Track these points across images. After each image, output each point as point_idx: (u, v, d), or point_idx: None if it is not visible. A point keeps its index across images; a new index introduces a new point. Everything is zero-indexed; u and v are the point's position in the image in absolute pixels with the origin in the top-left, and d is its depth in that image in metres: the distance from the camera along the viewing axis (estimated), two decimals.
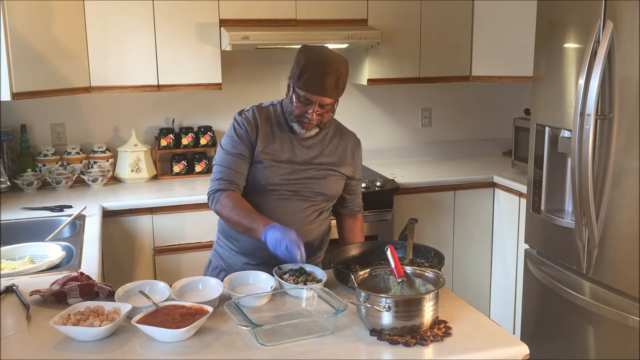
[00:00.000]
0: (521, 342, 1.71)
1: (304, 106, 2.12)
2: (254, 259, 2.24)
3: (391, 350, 1.65)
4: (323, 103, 2.11)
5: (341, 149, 2.29)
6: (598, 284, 2.59)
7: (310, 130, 2.19)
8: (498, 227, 3.78)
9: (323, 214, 2.31)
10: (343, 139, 2.31)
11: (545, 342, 2.94)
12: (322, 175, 2.23)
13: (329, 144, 2.27)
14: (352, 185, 2.35)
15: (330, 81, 2.08)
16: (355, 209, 2.42)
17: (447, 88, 4.25)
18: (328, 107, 2.14)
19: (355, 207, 2.42)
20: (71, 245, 2.49)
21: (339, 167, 2.27)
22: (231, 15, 3.46)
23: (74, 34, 3.25)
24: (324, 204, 2.28)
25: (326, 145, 2.26)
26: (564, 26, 2.68)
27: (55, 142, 3.65)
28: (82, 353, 1.63)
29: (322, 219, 2.31)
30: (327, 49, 2.18)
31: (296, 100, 2.13)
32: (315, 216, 2.27)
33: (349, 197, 2.37)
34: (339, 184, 2.29)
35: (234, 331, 1.73)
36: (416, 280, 1.86)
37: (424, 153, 4.31)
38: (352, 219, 2.44)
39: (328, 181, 2.24)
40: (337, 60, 2.12)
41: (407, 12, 3.73)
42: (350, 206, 2.41)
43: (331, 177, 2.25)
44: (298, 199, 2.21)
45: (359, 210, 2.44)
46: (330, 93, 2.10)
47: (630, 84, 2.35)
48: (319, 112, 2.13)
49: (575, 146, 2.51)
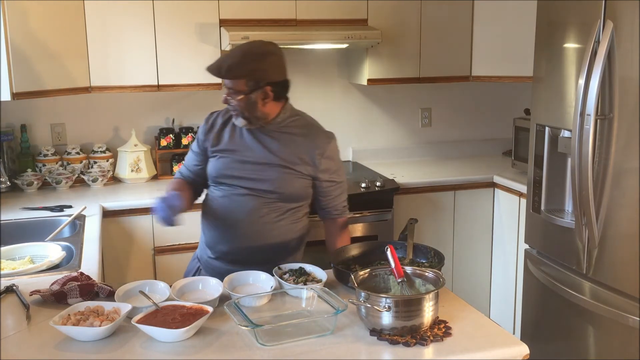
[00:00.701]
0: (521, 342, 1.70)
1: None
2: (213, 252, 2.29)
3: (391, 350, 1.65)
4: (230, 86, 2.13)
5: (303, 147, 2.21)
6: (598, 284, 2.59)
7: (236, 119, 2.20)
8: (498, 227, 3.78)
9: (290, 215, 2.25)
10: (309, 138, 2.22)
11: (545, 342, 2.94)
12: (275, 174, 2.18)
13: (290, 142, 2.21)
14: (322, 187, 2.26)
15: (230, 62, 2.09)
16: (333, 213, 2.33)
17: (447, 88, 4.25)
18: (236, 91, 2.12)
19: (333, 210, 2.33)
20: (71, 245, 2.49)
21: (296, 166, 2.19)
22: (231, 15, 3.46)
23: (74, 34, 3.25)
24: (282, 204, 2.21)
25: (286, 144, 2.20)
26: (564, 26, 2.68)
27: (55, 142, 3.65)
28: (82, 353, 1.63)
29: (291, 220, 2.25)
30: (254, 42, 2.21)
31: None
32: (275, 216, 2.21)
33: (322, 199, 2.30)
34: (297, 184, 2.21)
35: (234, 331, 1.73)
36: (416, 280, 1.86)
37: (424, 153, 4.31)
38: (331, 222, 2.37)
39: (282, 180, 2.18)
40: (248, 47, 2.15)
41: (407, 12, 3.73)
42: (326, 209, 2.33)
43: (286, 175, 2.18)
44: (252, 196, 2.19)
45: (338, 214, 2.34)
46: (228, 74, 2.10)
47: (630, 84, 2.35)
48: (229, 94, 2.14)
49: (575, 146, 2.51)
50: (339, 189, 2.31)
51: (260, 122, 2.19)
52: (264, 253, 2.22)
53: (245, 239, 2.22)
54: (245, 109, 2.14)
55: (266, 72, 2.13)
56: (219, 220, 2.25)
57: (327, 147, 2.24)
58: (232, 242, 2.23)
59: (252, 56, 2.10)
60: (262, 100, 2.14)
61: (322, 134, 2.27)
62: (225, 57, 2.13)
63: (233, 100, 2.13)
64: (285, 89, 2.22)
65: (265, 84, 2.12)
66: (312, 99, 4.04)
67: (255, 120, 2.18)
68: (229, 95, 2.14)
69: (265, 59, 2.12)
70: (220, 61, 2.12)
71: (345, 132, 4.15)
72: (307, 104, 4.01)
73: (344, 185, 2.32)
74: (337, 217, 2.35)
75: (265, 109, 2.16)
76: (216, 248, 2.28)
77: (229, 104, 2.17)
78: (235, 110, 2.16)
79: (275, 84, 2.15)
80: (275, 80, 2.16)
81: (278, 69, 2.18)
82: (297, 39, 3.45)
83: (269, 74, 2.14)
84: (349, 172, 3.91)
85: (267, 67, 2.13)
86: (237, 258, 2.23)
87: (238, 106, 2.14)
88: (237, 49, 2.14)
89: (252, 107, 2.14)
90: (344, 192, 2.35)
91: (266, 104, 2.15)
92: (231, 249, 2.24)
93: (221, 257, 2.27)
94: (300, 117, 2.28)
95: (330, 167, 2.25)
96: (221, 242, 2.25)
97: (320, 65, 4.01)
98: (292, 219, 2.26)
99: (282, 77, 2.19)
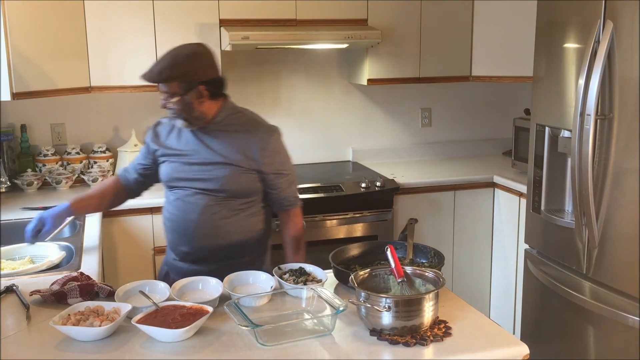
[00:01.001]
0: (521, 342, 1.71)
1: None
2: (175, 254, 2.34)
3: (391, 350, 1.65)
4: (165, 90, 2.16)
5: (245, 143, 2.23)
6: (598, 284, 2.59)
7: (177, 122, 2.24)
8: (498, 227, 3.78)
9: (243, 211, 2.27)
10: (251, 133, 2.25)
11: (545, 342, 2.94)
12: (220, 172, 2.21)
13: (232, 139, 2.24)
14: (269, 180, 2.27)
15: (161, 67, 2.12)
16: (285, 204, 2.34)
17: (447, 88, 4.25)
18: (171, 94, 2.15)
19: (285, 202, 2.33)
20: (71, 245, 2.49)
21: (240, 162, 2.21)
22: (231, 15, 3.46)
23: (74, 34, 3.25)
24: (232, 200, 2.24)
25: (228, 141, 2.24)
26: (564, 26, 2.68)
27: (55, 142, 3.65)
28: (82, 353, 1.63)
29: (245, 215, 2.27)
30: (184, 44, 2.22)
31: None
32: (228, 213, 2.24)
33: (271, 192, 2.31)
34: (244, 179, 2.23)
35: (234, 331, 1.73)
36: (416, 280, 1.86)
37: (424, 153, 4.31)
38: (285, 213, 2.37)
39: (228, 177, 2.21)
40: (177, 49, 2.17)
41: (407, 12, 3.73)
42: (278, 201, 2.33)
43: (231, 173, 2.21)
44: (202, 196, 2.23)
45: (290, 205, 2.35)
46: (160, 78, 2.13)
47: (630, 84, 2.35)
48: (165, 98, 2.17)
49: (575, 146, 2.51)
50: (287, 181, 2.32)
51: (200, 122, 2.23)
52: (224, 250, 2.27)
53: (202, 238, 2.26)
54: (183, 110, 2.18)
55: (197, 72, 2.16)
56: (175, 223, 2.30)
57: (268, 141, 2.26)
58: (190, 242, 2.27)
59: (181, 58, 2.14)
60: (197, 99, 2.17)
61: (263, 128, 2.29)
62: (156, 63, 2.16)
63: (170, 104, 2.17)
64: (219, 87, 2.25)
65: (197, 83, 2.16)
66: (312, 99, 4.04)
67: (194, 120, 2.22)
68: (166, 99, 2.18)
69: (194, 59, 2.16)
70: (152, 67, 2.16)
71: (345, 132, 4.16)
72: (307, 104, 4.05)
73: (291, 177, 2.34)
74: (289, 208, 2.36)
75: (203, 108, 2.20)
76: (177, 250, 2.32)
77: (167, 108, 2.20)
78: (174, 113, 2.20)
79: (208, 82, 2.19)
80: (207, 79, 2.19)
81: (209, 67, 2.21)
82: (297, 39, 3.46)
83: (199, 73, 2.17)
84: (349, 172, 3.92)
85: (197, 67, 2.16)
86: (199, 257, 2.28)
87: (176, 109, 2.18)
88: (166, 53, 2.17)
89: (189, 107, 2.17)
90: (293, 183, 2.36)
91: (202, 103, 2.19)
92: (191, 249, 2.28)
93: (184, 258, 2.31)
94: (242, 114, 2.31)
95: (273, 160, 2.27)
96: (181, 243, 2.29)
97: (320, 65, 4.01)
98: (246, 214, 2.28)
99: (214, 75, 2.22)
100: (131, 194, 2.50)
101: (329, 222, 3.45)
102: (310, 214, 3.41)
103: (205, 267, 2.22)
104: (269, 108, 3.98)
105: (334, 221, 3.46)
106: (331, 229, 3.47)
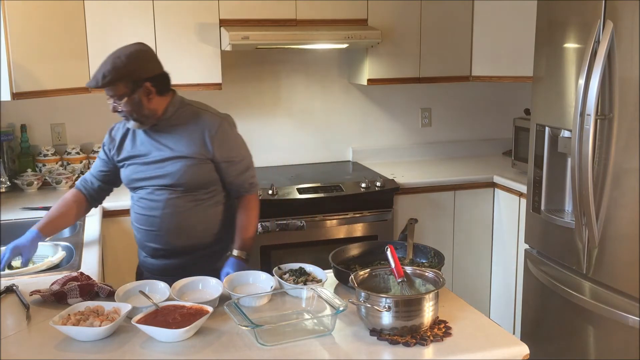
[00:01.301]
0: (521, 342, 1.71)
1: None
2: (145, 252, 2.40)
3: (391, 350, 1.65)
4: (112, 94, 2.19)
5: (195, 134, 2.26)
6: (598, 284, 2.59)
7: (128, 123, 2.27)
8: (498, 227, 3.78)
9: (204, 202, 2.30)
10: (199, 123, 2.27)
11: (545, 342, 2.94)
12: (175, 167, 2.25)
13: (183, 132, 2.27)
14: (221, 168, 2.30)
15: (104, 71, 2.13)
16: (241, 191, 2.37)
17: (447, 88, 4.25)
18: (119, 96, 2.17)
19: (240, 188, 2.36)
20: (71, 245, 2.50)
21: (194, 154, 2.24)
22: (231, 15, 3.46)
23: (74, 34, 3.25)
24: (191, 193, 2.28)
25: (180, 135, 2.27)
26: (564, 26, 2.68)
27: (55, 142, 3.65)
28: (82, 353, 1.63)
29: (206, 206, 2.31)
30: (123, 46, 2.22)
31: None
32: (188, 205, 2.28)
33: (226, 178, 2.33)
34: (200, 170, 2.26)
35: (234, 331, 1.73)
36: (416, 280, 1.86)
37: (424, 153, 4.31)
38: (239, 200, 2.39)
39: (183, 171, 2.24)
40: (116, 52, 2.18)
41: (407, 12, 3.73)
42: (233, 187, 2.36)
43: (186, 166, 2.24)
44: (162, 192, 2.28)
45: (247, 191, 2.37)
46: (105, 82, 2.14)
47: (630, 84, 2.35)
48: (114, 101, 2.19)
49: (575, 146, 2.51)
50: (240, 167, 2.34)
51: (151, 119, 2.25)
52: (191, 241, 2.31)
53: (168, 232, 2.30)
54: (133, 110, 2.20)
55: (141, 70, 2.18)
56: (141, 221, 2.35)
57: (217, 129, 2.28)
58: (157, 238, 2.32)
59: (122, 59, 2.15)
60: (146, 97, 2.19)
61: (211, 117, 2.31)
62: (98, 70, 2.17)
63: (120, 106, 2.19)
64: (165, 82, 2.27)
65: (143, 80, 2.17)
66: (312, 99, 4.04)
67: (145, 119, 2.24)
68: (115, 102, 2.20)
69: (135, 57, 2.17)
70: (95, 74, 2.17)
71: (345, 132, 4.15)
72: (307, 104, 4.05)
73: (245, 163, 2.36)
74: (245, 194, 2.38)
75: (152, 105, 2.22)
76: (146, 248, 2.37)
77: (117, 111, 2.22)
78: (124, 114, 2.23)
79: (153, 78, 2.20)
80: (152, 75, 2.21)
81: (151, 63, 2.23)
82: (297, 39, 3.46)
83: (143, 70, 2.19)
84: (349, 172, 3.92)
85: (140, 64, 2.18)
86: (167, 251, 2.33)
87: (126, 110, 2.20)
88: (107, 58, 2.18)
89: (139, 106, 2.20)
90: (248, 170, 2.37)
91: (151, 100, 2.21)
92: (159, 244, 2.33)
93: (154, 255, 2.37)
94: (190, 106, 2.33)
95: (222, 148, 2.28)
96: (148, 240, 2.34)
97: (320, 65, 4.01)
98: (208, 204, 2.31)
99: (158, 71, 2.24)
100: (94, 203, 2.51)
101: (329, 222, 3.45)
102: (310, 214, 3.41)
103: (176, 261, 2.32)
104: (269, 108, 3.98)
105: (334, 221, 3.46)
106: (331, 229, 3.47)
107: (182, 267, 2.29)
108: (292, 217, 3.36)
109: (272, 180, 3.56)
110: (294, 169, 3.94)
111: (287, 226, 3.34)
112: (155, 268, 2.37)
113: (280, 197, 3.36)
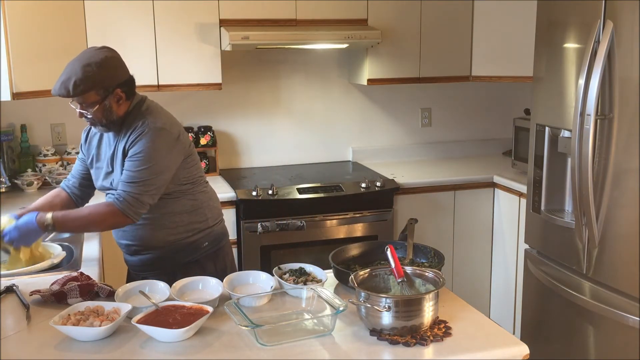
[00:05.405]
0: (521, 342, 1.71)
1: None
2: (121, 248, 2.43)
3: (391, 350, 1.65)
4: (81, 101, 2.15)
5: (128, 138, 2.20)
6: (598, 284, 2.59)
7: (95, 128, 2.26)
8: (498, 227, 3.78)
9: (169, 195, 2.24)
10: (132, 126, 2.20)
11: (545, 342, 2.94)
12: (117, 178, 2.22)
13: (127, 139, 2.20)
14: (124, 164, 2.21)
15: (74, 80, 2.10)
16: (115, 195, 2.19)
17: (447, 88, 4.25)
18: (89, 104, 2.14)
19: (117, 193, 2.18)
20: (71, 245, 2.50)
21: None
22: (231, 15, 3.46)
23: (74, 34, 3.25)
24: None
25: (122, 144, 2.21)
26: (564, 26, 2.68)
27: (55, 142, 3.65)
28: (82, 353, 1.63)
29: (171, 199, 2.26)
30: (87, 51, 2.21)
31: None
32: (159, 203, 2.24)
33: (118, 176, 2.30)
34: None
35: (234, 331, 1.73)
36: (416, 280, 1.86)
37: (424, 153, 4.31)
38: (107, 202, 2.24)
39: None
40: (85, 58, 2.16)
41: (407, 12, 3.73)
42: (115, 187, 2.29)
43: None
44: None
45: (117, 199, 2.16)
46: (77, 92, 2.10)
47: (630, 84, 2.35)
48: (82, 109, 2.17)
49: (575, 146, 2.51)
50: (128, 177, 2.15)
51: (117, 125, 2.23)
52: (161, 235, 2.30)
53: (138, 228, 2.30)
54: (103, 117, 2.18)
55: (112, 77, 2.16)
56: None
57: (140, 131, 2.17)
58: (128, 235, 2.33)
59: (93, 67, 2.12)
60: (116, 103, 2.18)
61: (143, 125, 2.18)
62: (66, 77, 2.12)
63: (89, 114, 2.17)
64: (133, 86, 2.26)
65: (114, 87, 2.16)
66: (312, 99, 4.04)
67: (112, 125, 2.22)
68: (83, 109, 2.17)
69: (106, 63, 2.15)
70: (63, 82, 2.12)
71: (345, 132, 4.16)
72: (307, 103, 4.05)
73: (145, 173, 2.14)
74: (114, 200, 2.17)
75: (120, 111, 2.21)
76: (121, 245, 2.41)
77: (85, 117, 2.20)
78: (93, 121, 2.21)
79: (123, 84, 2.19)
80: (122, 81, 2.19)
81: (120, 68, 2.21)
82: (297, 39, 3.46)
83: (114, 77, 2.17)
84: (349, 172, 3.92)
85: (112, 71, 2.16)
86: (141, 247, 2.34)
87: (95, 117, 2.18)
88: (75, 63, 2.14)
89: (109, 113, 2.18)
90: (137, 185, 2.14)
91: (120, 106, 2.20)
92: (131, 240, 2.34)
93: (128, 251, 2.39)
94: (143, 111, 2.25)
95: (134, 144, 2.16)
96: (121, 237, 2.37)
97: (320, 65, 4.01)
98: (172, 197, 2.26)
99: (127, 76, 2.23)
100: (79, 201, 2.47)
101: (329, 222, 3.46)
102: (310, 214, 3.41)
103: (151, 255, 2.33)
104: (269, 108, 3.98)
105: (334, 221, 3.46)
106: (331, 229, 3.47)
107: (159, 259, 2.31)
108: (292, 217, 3.36)
109: (272, 180, 3.56)
110: (294, 169, 3.94)
111: (287, 226, 3.34)
112: (134, 264, 2.40)
113: (280, 197, 3.36)
